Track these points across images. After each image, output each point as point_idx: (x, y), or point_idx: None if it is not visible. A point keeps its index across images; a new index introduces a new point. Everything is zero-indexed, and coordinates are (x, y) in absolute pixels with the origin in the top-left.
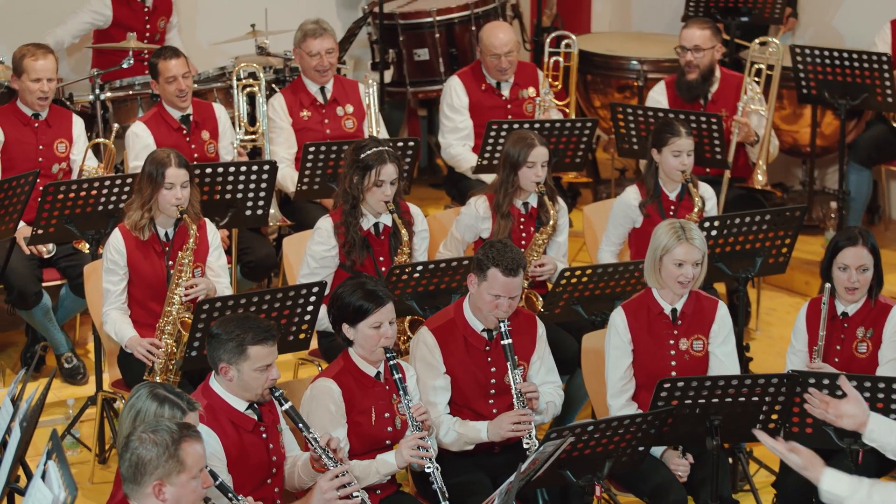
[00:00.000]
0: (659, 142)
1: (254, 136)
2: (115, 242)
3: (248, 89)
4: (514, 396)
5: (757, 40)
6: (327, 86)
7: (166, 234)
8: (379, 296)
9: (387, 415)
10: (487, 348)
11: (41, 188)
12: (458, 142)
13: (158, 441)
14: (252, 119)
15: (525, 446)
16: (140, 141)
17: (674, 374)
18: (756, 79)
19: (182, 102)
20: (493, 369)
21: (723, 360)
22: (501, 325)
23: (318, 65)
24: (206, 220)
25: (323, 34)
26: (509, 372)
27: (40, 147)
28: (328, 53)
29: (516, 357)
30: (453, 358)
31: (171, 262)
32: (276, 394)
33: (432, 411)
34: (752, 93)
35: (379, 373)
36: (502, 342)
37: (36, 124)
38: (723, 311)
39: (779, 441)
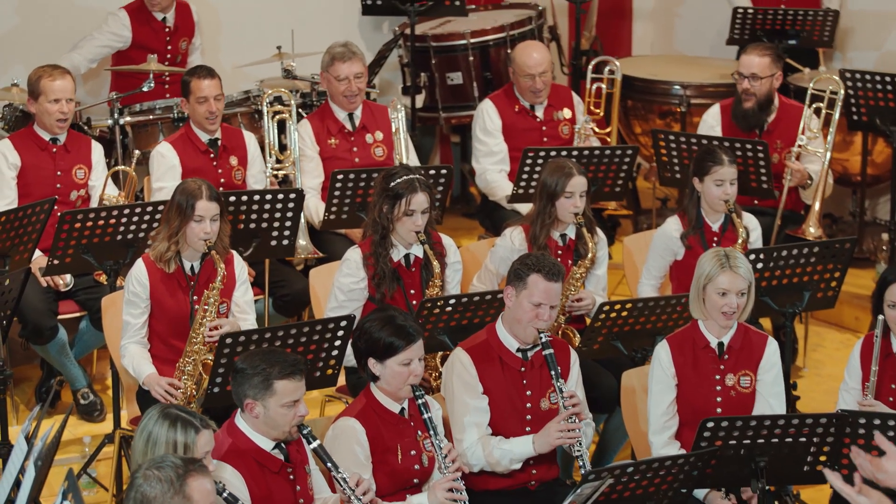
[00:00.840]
0: (700, 170)
1: (284, 165)
2: (138, 273)
3: (279, 116)
4: (560, 403)
5: (813, 81)
6: (356, 112)
7: (192, 268)
8: (409, 332)
9: (413, 452)
10: (523, 369)
11: (58, 216)
12: (493, 166)
13: (163, 477)
14: (283, 147)
15: (576, 454)
16: (165, 161)
17: (719, 410)
18: (818, 107)
19: (211, 125)
20: (528, 393)
21: (769, 402)
22: (541, 336)
23: (346, 90)
24: (234, 253)
25: (352, 57)
26: (554, 381)
27: (58, 173)
28: (357, 78)
29: (559, 369)
30: (489, 379)
31: (195, 298)
32: (304, 431)
33: (473, 433)
34: (810, 132)
35: (403, 409)
36: (544, 352)
37: (54, 149)
38: (772, 347)
39: (846, 483)
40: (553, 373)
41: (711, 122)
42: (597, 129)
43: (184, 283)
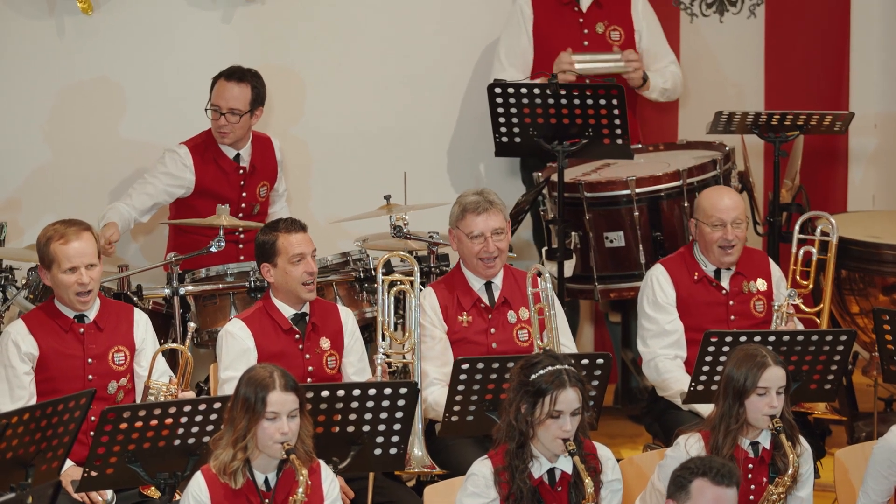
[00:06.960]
0: None
1: (402, 351)
2: (197, 492)
3: (397, 286)
4: None
5: None
6: (495, 280)
7: (266, 480)
8: None
9: None
10: None
11: (95, 417)
12: (665, 350)
13: None
14: (399, 326)
15: None
16: (237, 344)
17: None
18: None
19: (309, 292)
20: None
21: None
22: None
23: (482, 250)
24: (321, 462)
25: (489, 209)
26: None
27: (89, 360)
28: (496, 235)
29: None
30: None
31: None
32: None
33: None
34: None
35: None
36: None
37: (81, 329)
38: None
39: None
40: None
41: None
42: (803, 307)
43: (256, 501)
